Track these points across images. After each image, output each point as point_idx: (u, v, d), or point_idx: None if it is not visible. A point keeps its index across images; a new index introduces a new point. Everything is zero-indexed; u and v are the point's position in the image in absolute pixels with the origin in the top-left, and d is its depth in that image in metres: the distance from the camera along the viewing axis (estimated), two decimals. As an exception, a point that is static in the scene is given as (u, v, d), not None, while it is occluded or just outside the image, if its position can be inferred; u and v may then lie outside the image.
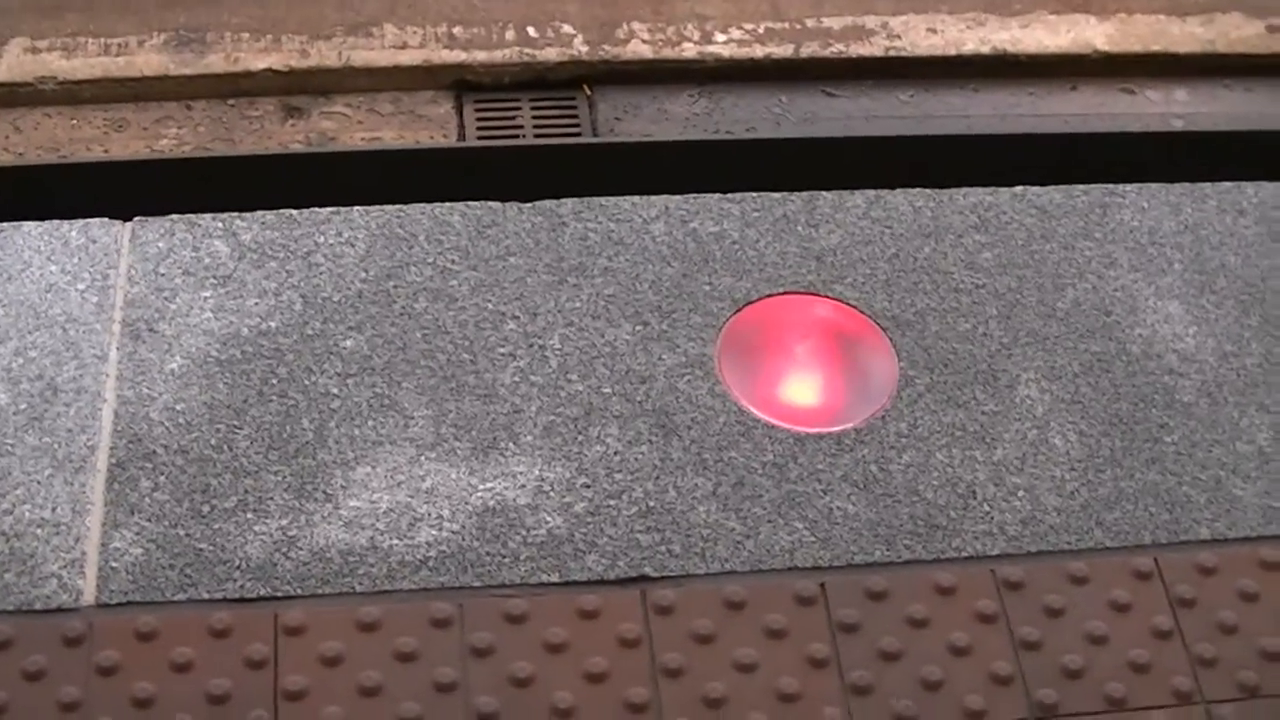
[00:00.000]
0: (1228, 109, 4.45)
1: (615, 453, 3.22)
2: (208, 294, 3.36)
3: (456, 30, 4.30)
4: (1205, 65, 4.51)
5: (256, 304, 3.36)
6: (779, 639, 3.00)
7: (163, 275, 3.38)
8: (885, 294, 3.50)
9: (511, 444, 3.21)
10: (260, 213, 3.50)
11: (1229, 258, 3.66)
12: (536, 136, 4.13)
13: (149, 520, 3.05)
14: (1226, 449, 3.34)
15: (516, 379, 3.30)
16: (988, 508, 3.20)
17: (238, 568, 3.01)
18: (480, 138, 4.15)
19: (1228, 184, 3.80)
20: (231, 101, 4.19)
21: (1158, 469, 3.29)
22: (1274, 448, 3.35)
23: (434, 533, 3.08)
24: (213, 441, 3.16)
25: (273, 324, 3.33)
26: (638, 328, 3.40)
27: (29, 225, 3.44)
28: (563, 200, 3.59)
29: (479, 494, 3.14)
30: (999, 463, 3.27)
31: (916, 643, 3.02)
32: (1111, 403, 3.38)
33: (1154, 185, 3.77)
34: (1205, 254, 3.66)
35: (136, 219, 3.47)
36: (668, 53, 4.32)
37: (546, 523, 3.11)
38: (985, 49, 4.43)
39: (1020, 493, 3.23)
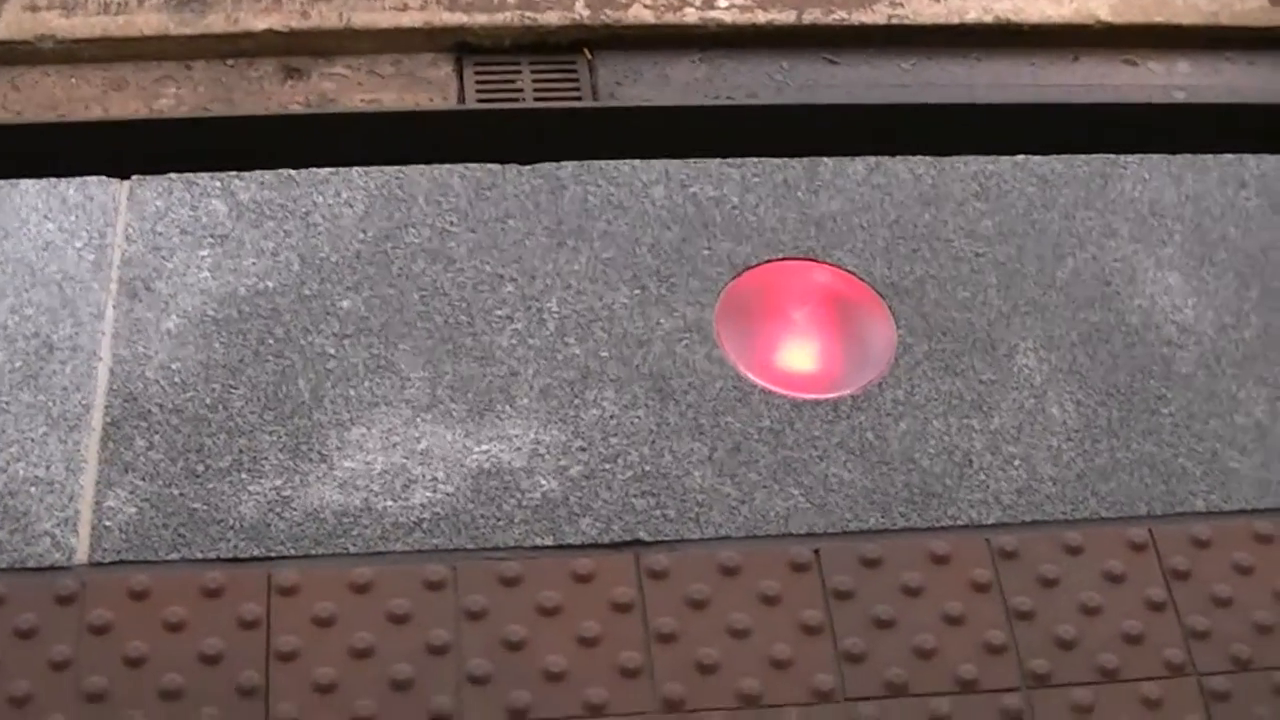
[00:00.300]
0: (1230, 81, 4.43)
1: (611, 416, 3.21)
2: (205, 253, 3.35)
3: (458, -8, 4.28)
4: (1208, 37, 4.49)
5: (254, 264, 3.35)
6: (772, 605, 3.00)
7: (160, 234, 3.37)
8: (884, 261, 3.49)
9: (508, 406, 3.21)
10: (259, 172, 3.49)
11: (1229, 230, 3.65)
12: (536, 100, 4.11)
13: (143, 479, 3.04)
14: (1223, 421, 3.34)
15: (514, 341, 3.29)
16: (983, 476, 3.20)
17: (231, 527, 3.00)
18: (480, 100, 4.12)
19: (1229, 156, 3.79)
20: (231, 62, 4.17)
21: (1154, 440, 3.29)
22: (1271, 420, 3.35)
23: (428, 495, 3.08)
24: (208, 401, 3.16)
25: (270, 284, 3.33)
26: (636, 291, 3.39)
27: (26, 183, 3.43)
28: (562, 163, 3.58)
29: (474, 456, 3.13)
30: (995, 431, 3.27)
31: (910, 611, 3.02)
32: (1109, 373, 3.38)
33: (1155, 156, 3.77)
34: (1206, 226, 3.65)
35: (135, 177, 3.46)
36: (669, 17, 4.29)
37: (541, 486, 3.11)
38: (988, 18, 4.40)
39: (1016, 462, 3.23)
